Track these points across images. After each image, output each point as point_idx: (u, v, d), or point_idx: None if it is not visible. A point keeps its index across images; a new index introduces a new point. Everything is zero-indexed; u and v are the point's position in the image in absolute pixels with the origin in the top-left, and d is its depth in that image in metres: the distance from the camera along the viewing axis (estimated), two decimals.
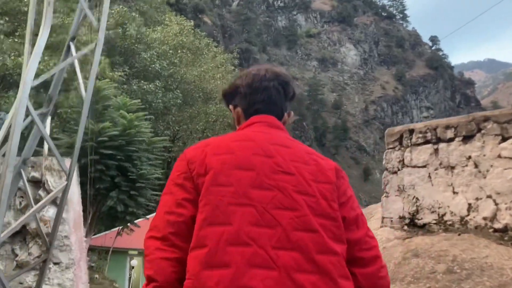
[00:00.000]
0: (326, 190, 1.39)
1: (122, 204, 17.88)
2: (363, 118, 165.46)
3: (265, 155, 1.40)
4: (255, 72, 1.63)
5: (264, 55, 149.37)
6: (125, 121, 18.26)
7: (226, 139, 1.48)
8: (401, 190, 4.11)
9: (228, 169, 1.36)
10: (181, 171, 1.42)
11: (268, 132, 1.51)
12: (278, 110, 1.63)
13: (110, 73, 24.14)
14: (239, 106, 1.63)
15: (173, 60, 31.33)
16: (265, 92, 1.59)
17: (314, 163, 1.45)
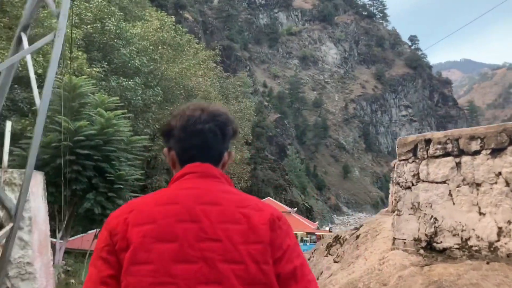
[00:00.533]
0: (257, 252, 1.34)
1: (100, 206, 17.12)
2: (343, 117, 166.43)
3: (191, 220, 1.35)
4: (189, 113, 1.51)
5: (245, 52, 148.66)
6: (102, 120, 17.49)
7: (150, 203, 1.40)
8: (416, 208, 3.64)
9: (149, 243, 1.31)
10: (104, 243, 1.37)
11: (198, 187, 1.43)
12: (215, 154, 1.53)
13: (88, 69, 23.29)
14: (173, 150, 1.54)
15: (154, 56, 30.47)
16: (200, 136, 1.49)
17: (246, 220, 1.37)
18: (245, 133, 41.68)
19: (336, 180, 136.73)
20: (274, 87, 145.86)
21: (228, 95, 44.44)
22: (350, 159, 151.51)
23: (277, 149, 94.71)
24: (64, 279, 17.21)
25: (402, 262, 3.50)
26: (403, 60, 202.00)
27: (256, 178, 56.08)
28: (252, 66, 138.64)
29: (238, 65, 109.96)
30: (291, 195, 65.40)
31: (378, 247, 4.03)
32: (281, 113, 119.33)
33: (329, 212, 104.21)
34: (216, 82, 40.14)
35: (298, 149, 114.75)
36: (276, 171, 66.52)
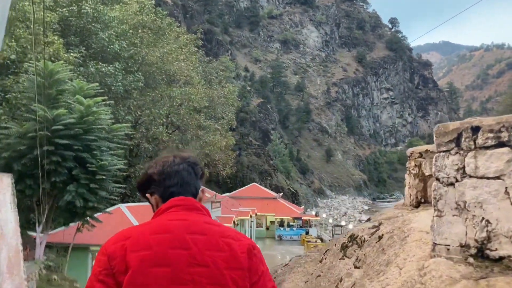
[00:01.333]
0: (238, 277, 1.53)
1: (81, 198, 16.33)
2: (325, 100, 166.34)
3: (181, 247, 1.52)
4: (164, 160, 1.75)
5: (226, 36, 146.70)
6: (82, 107, 16.59)
7: (145, 232, 1.56)
8: (462, 209, 3.07)
9: (146, 268, 1.46)
10: (102, 267, 1.49)
11: (185, 219, 1.61)
12: (192, 189, 1.73)
13: (65, 55, 22.22)
14: (155, 193, 1.73)
15: (133, 40, 29.36)
16: (176, 175, 1.71)
17: (228, 248, 1.56)
18: (229, 119, 40.97)
19: (319, 164, 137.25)
20: (256, 71, 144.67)
21: (211, 80, 43.50)
22: (333, 143, 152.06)
23: (260, 134, 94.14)
24: (45, 275, 16.46)
25: (449, 274, 2.93)
26: (383, 43, 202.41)
27: (241, 164, 55.52)
28: (233, 50, 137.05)
29: (219, 50, 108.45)
30: (276, 180, 65.07)
31: (411, 252, 3.47)
32: (264, 97, 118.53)
33: (313, 195, 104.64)
34: (198, 67, 39.15)
35: (281, 134, 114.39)
36: (260, 157, 66.00)
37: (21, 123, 16.54)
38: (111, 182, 17.63)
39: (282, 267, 5.66)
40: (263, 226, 45.90)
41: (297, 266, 5.55)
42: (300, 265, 5.56)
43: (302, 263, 5.54)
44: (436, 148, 3.34)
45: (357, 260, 4.18)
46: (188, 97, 32.37)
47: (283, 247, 39.39)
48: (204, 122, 35.33)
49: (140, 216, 22.54)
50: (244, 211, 39.01)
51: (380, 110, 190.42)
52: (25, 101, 17.67)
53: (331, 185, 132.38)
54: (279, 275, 5.61)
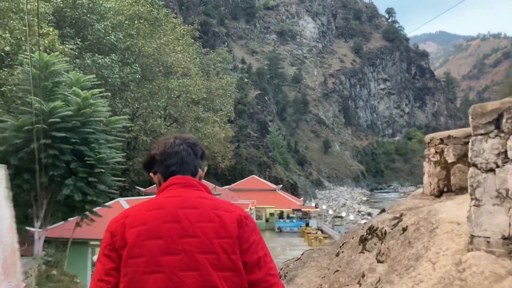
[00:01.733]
0: (227, 245, 1.64)
1: (80, 192, 16.01)
2: (322, 92, 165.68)
3: (174, 221, 1.66)
4: (165, 141, 1.88)
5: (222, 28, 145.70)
6: (79, 99, 16.22)
7: (142, 209, 1.72)
8: (504, 197, 2.79)
9: (141, 241, 1.63)
10: (107, 242, 1.68)
11: (180, 195, 1.75)
12: (191, 169, 1.85)
13: (60, 46, 21.78)
14: (158, 172, 1.87)
15: (130, 31, 28.89)
16: (177, 155, 1.84)
17: (218, 219, 1.67)
18: (227, 111, 40.60)
19: (317, 155, 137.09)
20: (252, 63, 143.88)
21: (208, 72, 43.05)
22: (330, 134, 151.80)
23: (258, 126, 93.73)
24: (45, 271, 16.17)
25: (493, 269, 2.66)
26: (380, 33, 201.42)
27: (239, 156, 55.14)
28: (230, 42, 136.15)
29: (215, 41, 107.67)
30: (275, 172, 64.75)
31: (443, 245, 3.19)
32: (261, 89, 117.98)
33: (311, 187, 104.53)
34: (196, 58, 38.68)
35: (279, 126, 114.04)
36: (259, 149, 65.61)
37: (17, 116, 16.18)
38: (110, 175, 17.32)
39: (294, 261, 5.39)
40: (262, 218, 45.67)
41: (310, 260, 5.28)
42: (313, 259, 5.29)
43: (315, 257, 5.27)
44: (472, 131, 3.05)
45: (380, 254, 3.90)
46: (186, 89, 31.98)
47: (283, 239, 39.22)
48: (202, 114, 34.98)
49: None
50: (244, 203, 38.75)
51: (377, 101, 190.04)
52: (20, 93, 17.29)
53: (329, 176, 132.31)
54: (291, 269, 5.34)
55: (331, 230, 41.45)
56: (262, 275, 1.68)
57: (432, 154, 4.86)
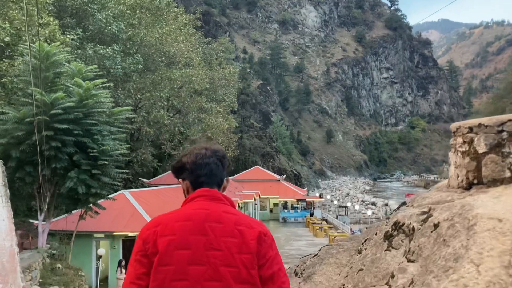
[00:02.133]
0: (247, 260, 1.78)
1: (83, 184, 15.77)
2: (325, 81, 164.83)
3: (200, 233, 1.80)
4: (197, 152, 2.00)
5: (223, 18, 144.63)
6: (81, 90, 15.91)
7: (172, 219, 1.85)
8: None
9: (171, 250, 1.77)
10: (139, 249, 1.82)
11: (206, 209, 1.87)
12: (218, 180, 1.99)
13: (61, 37, 21.40)
14: (187, 180, 2.00)
15: (131, 21, 28.45)
16: (207, 167, 1.96)
17: (240, 235, 1.81)
18: (230, 101, 40.23)
19: (320, 145, 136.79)
20: (254, 53, 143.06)
21: (211, 62, 42.58)
22: (333, 124, 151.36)
23: (261, 117, 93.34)
24: (49, 264, 16.00)
25: None
26: (383, 22, 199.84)
27: (243, 147, 54.83)
28: (231, 31, 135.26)
29: (217, 31, 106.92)
30: (279, 162, 64.46)
31: (486, 245, 2.89)
32: (264, 79, 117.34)
33: (314, 177, 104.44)
34: (198, 48, 38.24)
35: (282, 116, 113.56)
36: (262, 139, 65.24)
37: (18, 108, 15.88)
38: (113, 167, 17.05)
39: (311, 258, 5.11)
40: (266, 208, 45.55)
41: (328, 257, 4.99)
42: (331, 255, 5.01)
43: (334, 254, 4.99)
44: None
45: (409, 253, 3.61)
46: (188, 79, 31.61)
47: (287, 229, 39.07)
48: (205, 105, 34.62)
49: (144, 202, 22.07)
50: (248, 194, 38.58)
51: (380, 90, 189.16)
52: (21, 85, 16.98)
53: (332, 166, 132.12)
54: (308, 266, 5.06)
55: (336, 220, 41.30)
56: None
57: (459, 144, 4.52)
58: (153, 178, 34.03)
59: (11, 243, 2.93)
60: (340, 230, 34.76)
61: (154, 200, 23.77)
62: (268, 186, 45.00)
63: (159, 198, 24.67)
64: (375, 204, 58.65)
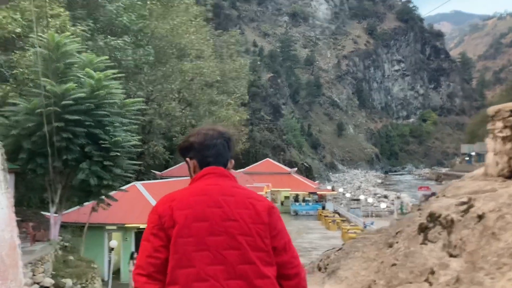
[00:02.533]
0: (260, 230, 1.86)
1: (95, 176, 15.64)
2: (336, 74, 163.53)
3: (216, 206, 1.86)
4: (205, 132, 2.07)
5: (234, 10, 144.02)
6: (92, 81, 15.73)
7: (186, 194, 1.91)
8: None
9: (189, 223, 1.81)
10: (154, 223, 1.85)
11: (218, 184, 1.95)
12: (224, 161, 2.06)
13: (72, 28, 21.20)
14: (194, 159, 2.06)
15: (142, 12, 28.20)
16: (214, 148, 2.03)
17: (252, 207, 1.90)
18: (241, 93, 39.92)
19: (331, 138, 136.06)
20: (264, 45, 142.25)
21: (222, 54, 42.26)
22: (344, 117, 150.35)
23: (271, 109, 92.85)
24: (61, 256, 15.91)
25: None
26: (394, 14, 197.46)
27: (253, 139, 54.52)
28: (241, 24, 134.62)
29: (227, 24, 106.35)
30: (290, 155, 64.08)
31: None
32: (274, 72, 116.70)
33: (325, 170, 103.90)
34: (209, 40, 37.93)
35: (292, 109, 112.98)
36: (273, 132, 64.88)
37: (29, 99, 15.75)
38: (125, 159, 16.91)
39: (335, 252, 4.83)
40: (277, 201, 45.29)
41: (354, 251, 4.71)
42: (357, 249, 4.72)
43: (360, 247, 4.70)
44: None
45: (450, 246, 3.30)
46: (199, 72, 31.35)
47: (299, 222, 38.80)
48: (216, 97, 34.35)
49: (156, 193, 21.92)
50: (259, 187, 38.31)
51: (391, 83, 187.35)
52: (32, 76, 16.85)
53: (343, 159, 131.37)
54: (332, 261, 4.77)
55: (348, 213, 40.93)
56: (288, 258, 1.93)
57: (499, 129, 4.19)
58: (165, 170, 33.93)
59: (11, 234, 2.66)
60: (353, 223, 34.39)
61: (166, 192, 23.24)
62: (279, 179, 44.69)
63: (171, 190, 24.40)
64: (387, 197, 58.09)
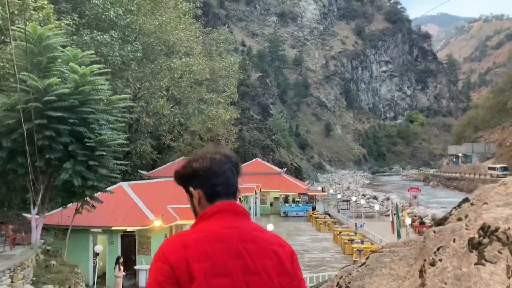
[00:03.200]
0: (285, 283, 1.68)
1: (79, 176, 14.81)
2: (324, 74, 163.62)
3: (237, 257, 1.63)
4: (211, 157, 1.77)
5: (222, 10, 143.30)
6: (76, 76, 14.91)
7: (201, 240, 1.64)
8: None
9: (209, 278, 1.58)
10: (165, 275, 1.59)
11: (235, 227, 1.69)
12: (234, 190, 1.79)
13: (56, 22, 20.30)
14: (199, 188, 1.76)
15: (130, 7, 27.34)
16: (223, 175, 1.75)
17: (275, 256, 1.70)
18: (231, 92, 39.20)
19: (318, 139, 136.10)
20: (253, 45, 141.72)
21: (211, 52, 41.48)
22: (332, 117, 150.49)
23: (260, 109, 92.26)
24: (43, 261, 15.05)
25: None
26: (382, 15, 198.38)
27: (242, 139, 53.76)
28: (230, 24, 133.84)
29: (216, 23, 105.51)
30: (279, 155, 63.47)
31: None
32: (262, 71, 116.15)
33: (313, 170, 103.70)
34: (199, 37, 37.13)
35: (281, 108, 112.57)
36: (262, 132, 64.20)
37: (9, 95, 14.86)
38: (111, 158, 16.10)
39: (358, 268, 4.17)
40: (267, 202, 44.64)
41: (380, 267, 4.05)
42: (384, 264, 4.06)
43: (387, 263, 4.04)
44: None
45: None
46: (189, 69, 30.55)
47: (289, 223, 38.18)
48: (205, 95, 33.58)
49: (143, 195, 21.12)
50: (249, 187, 37.64)
51: (379, 83, 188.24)
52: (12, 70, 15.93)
53: (331, 159, 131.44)
54: (355, 278, 4.12)
55: (340, 215, 40.43)
56: None
57: None
58: (152, 170, 33.03)
59: None
60: (345, 225, 33.86)
61: (153, 193, 22.82)
62: (269, 179, 44.04)
63: (159, 191, 23.71)
64: (376, 198, 57.84)
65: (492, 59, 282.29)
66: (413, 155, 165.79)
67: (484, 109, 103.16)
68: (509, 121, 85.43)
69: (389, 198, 56.70)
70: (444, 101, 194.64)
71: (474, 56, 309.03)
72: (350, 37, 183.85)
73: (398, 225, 21.88)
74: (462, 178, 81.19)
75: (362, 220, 35.11)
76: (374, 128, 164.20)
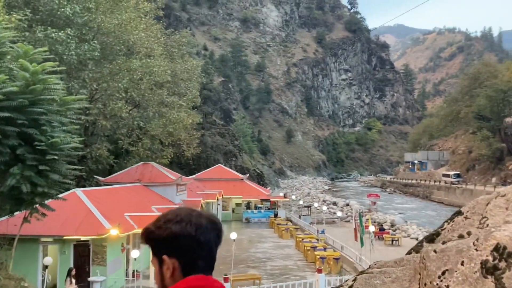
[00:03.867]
0: None
1: (28, 182, 13.72)
2: (285, 81, 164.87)
3: None
4: (196, 222, 1.50)
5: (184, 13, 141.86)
6: (27, 74, 13.83)
7: None
8: None
9: None
10: None
11: None
12: (213, 264, 1.56)
13: (6, 16, 19.00)
14: (175, 258, 1.48)
15: (88, 5, 26.13)
16: (207, 246, 1.51)
17: None
18: (193, 96, 38.36)
19: (280, 145, 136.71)
20: (215, 49, 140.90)
21: (173, 54, 40.50)
22: (293, 124, 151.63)
23: (222, 114, 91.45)
24: None
25: None
26: (342, 24, 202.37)
27: (204, 144, 52.84)
28: (192, 27, 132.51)
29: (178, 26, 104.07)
30: (241, 161, 62.89)
31: None
32: (225, 76, 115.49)
33: (275, 176, 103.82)
34: (160, 38, 36.15)
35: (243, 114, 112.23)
36: (225, 137, 63.47)
37: None
38: (64, 163, 15.05)
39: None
40: (229, 208, 43.94)
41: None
42: (373, 287, 3.56)
43: (378, 286, 3.54)
44: None
45: None
46: (149, 70, 29.57)
47: (251, 230, 37.60)
48: (167, 98, 32.61)
49: (99, 202, 20.01)
50: (211, 194, 36.87)
51: (338, 91, 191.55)
52: None
53: (292, 165, 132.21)
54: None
55: (302, 221, 40.25)
56: None
57: None
58: (109, 176, 31.65)
59: None
60: (307, 231, 33.63)
61: (110, 200, 21.71)
62: (231, 185, 43.41)
63: (116, 198, 22.63)
64: (336, 204, 58.24)
65: (445, 70, 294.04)
66: (370, 162, 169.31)
67: (438, 118, 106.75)
68: (461, 130, 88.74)
69: (349, 204, 57.25)
70: (401, 110, 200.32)
71: (429, 67, 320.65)
72: (311, 44, 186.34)
73: (362, 232, 21.77)
74: (418, 184, 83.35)
75: (323, 226, 35.01)
76: (334, 135, 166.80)
